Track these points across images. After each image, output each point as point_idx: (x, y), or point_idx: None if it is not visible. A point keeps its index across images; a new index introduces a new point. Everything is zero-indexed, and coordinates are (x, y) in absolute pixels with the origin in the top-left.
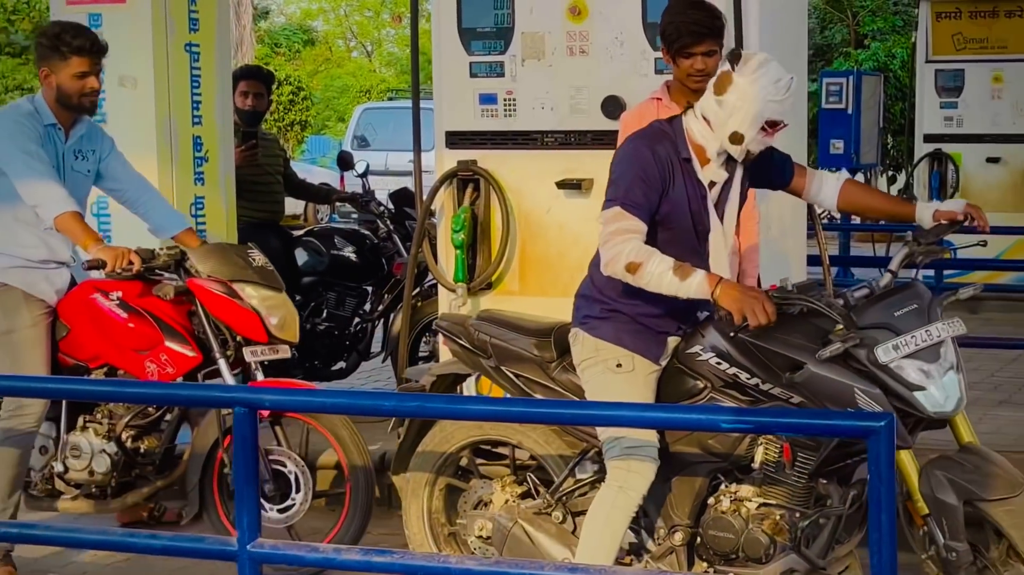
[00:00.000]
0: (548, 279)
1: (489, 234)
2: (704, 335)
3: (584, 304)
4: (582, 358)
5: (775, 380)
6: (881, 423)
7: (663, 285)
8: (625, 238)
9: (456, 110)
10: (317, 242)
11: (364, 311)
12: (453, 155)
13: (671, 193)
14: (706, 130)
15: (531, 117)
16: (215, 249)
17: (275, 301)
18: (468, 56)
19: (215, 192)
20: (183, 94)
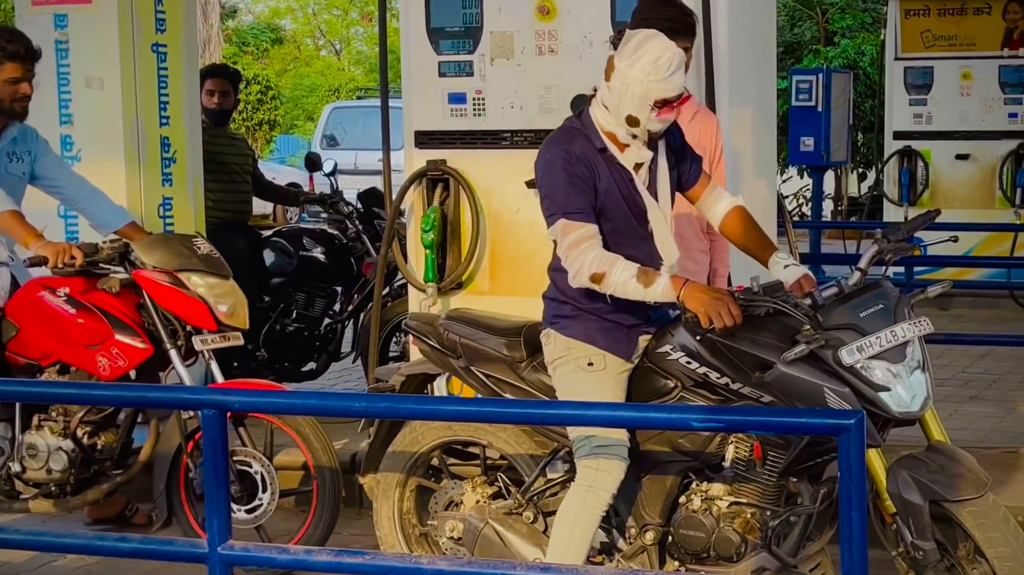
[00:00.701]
0: (518, 278)
1: (459, 234)
2: (673, 334)
3: (553, 305)
4: (553, 357)
5: (745, 379)
6: (851, 421)
7: (628, 292)
8: (583, 248)
9: (425, 109)
10: (285, 243)
11: (334, 312)
12: (422, 154)
13: (600, 186)
14: (608, 116)
15: (500, 116)
16: (159, 240)
17: (222, 288)
18: (437, 55)
19: (183, 193)
20: (150, 95)
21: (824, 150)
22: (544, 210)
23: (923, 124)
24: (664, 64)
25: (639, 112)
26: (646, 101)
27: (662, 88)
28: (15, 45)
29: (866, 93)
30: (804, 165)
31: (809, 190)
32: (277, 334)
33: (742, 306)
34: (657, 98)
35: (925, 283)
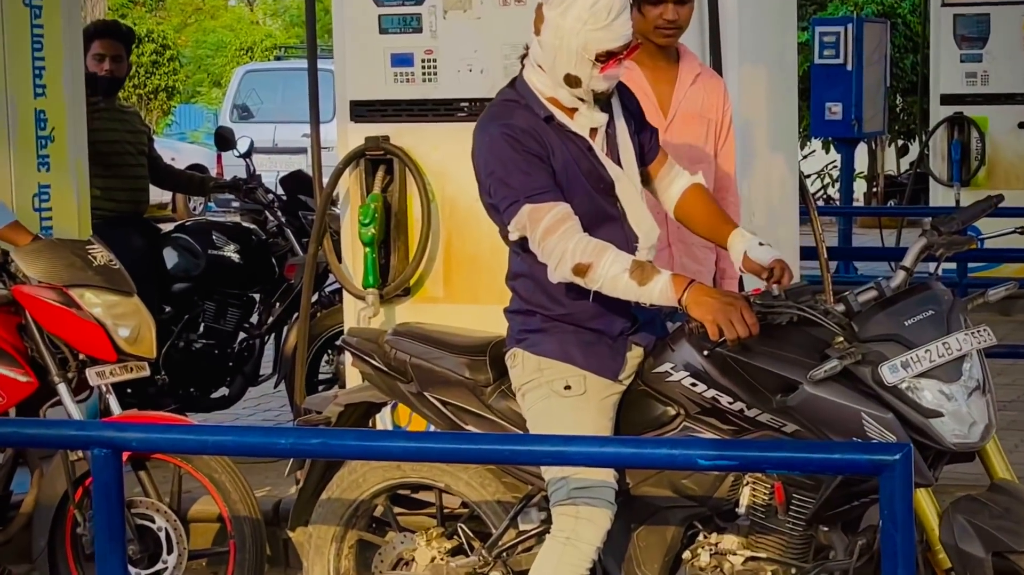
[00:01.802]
0: (479, 282)
1: (405, 227)
2: (675, 349)
3: (518, 319)
4: (523, 381)
5: (763, 404)
6: (895, 456)
7: (619, 289)
8: (562, 233)
9: (363, 74)
10: (191, 239)
11: (250, 324)
12: (360, 130)
13: (554, 162)
14: (544, 78)
15: (456, 82)
16: (45, 247)
17: (124, 308)
18: (376, 7)
19: (64, 179)
20: (22, 59)
21: (855, 119)
22: (498, 202)
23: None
24: (603, 9)
25: (578, 69)
26: (585, 55)
27: (603, 38)
28: None
29: (906, 47)
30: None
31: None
32: (181, 353)
33: (759, 313)
34: (599, 50)
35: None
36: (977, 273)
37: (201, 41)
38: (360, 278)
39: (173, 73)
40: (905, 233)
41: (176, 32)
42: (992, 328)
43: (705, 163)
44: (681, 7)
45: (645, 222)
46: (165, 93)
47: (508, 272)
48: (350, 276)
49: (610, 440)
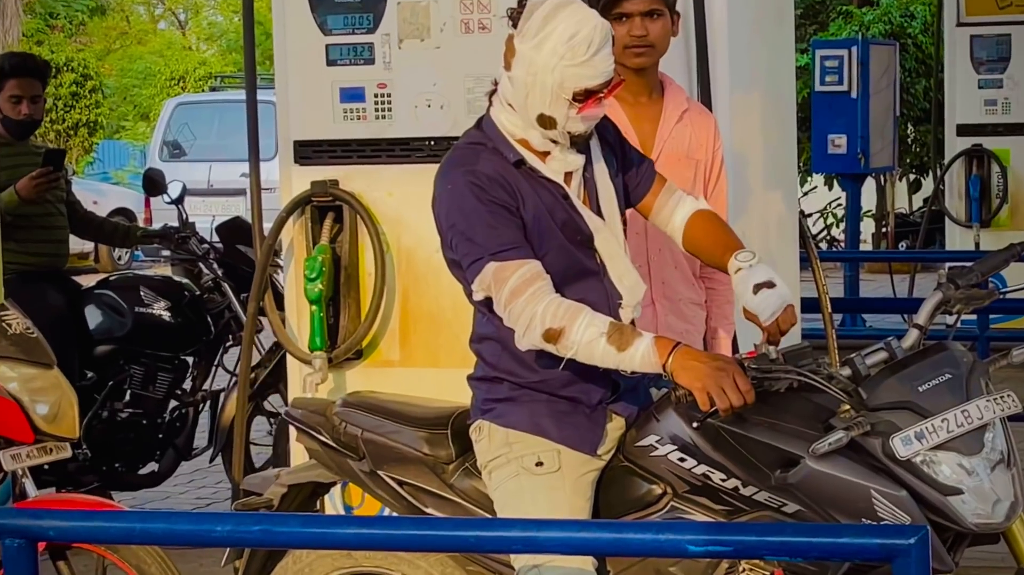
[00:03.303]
0: (439, 344)
1: (357, 283)
2: (660, 420)
3: (483, 387)
4: (489, 457)
5: (760, 481)
6: (910, 539)
7: (596, 356)
8: (530, 295)
9: (308, 111)
10: (115, 296)
11: (183, 391)
12: (305, 174)
13: (524, 213)
14: (515, 118)
15: (413, 119)
16: None
17: (42, 382)
18: (324, 36)
19: None
20: None
21: (861, 151)
22: (460, 258)
23: (998, 114)
24: (582, 42)
25: (553, 109)
26: (561, 94)
27: (581, 75)
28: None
29: (918, 72)
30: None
31: (841, 206)
32: (105, 423)
33: (754, 379)
34: (576, 89)
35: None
36: (1000, 324)
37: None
38: (306, 340)
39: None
40: (919, 279)
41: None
42: (1017, 392)
43: None
44: (651, 22)
45: (628, 277)
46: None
47: (472, 334)
48: (294, 338)
49: (588, 524)
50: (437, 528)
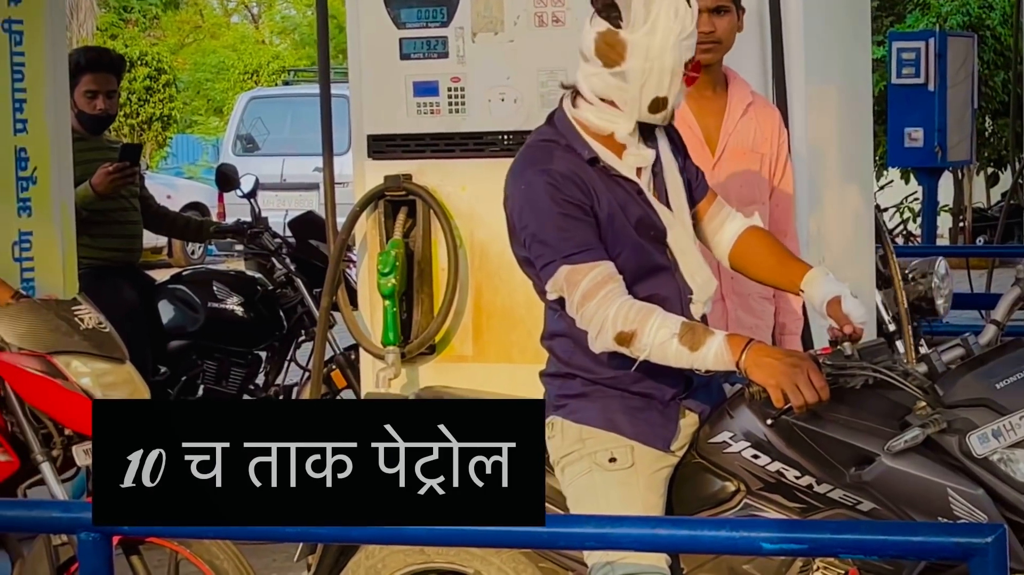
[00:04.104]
0: (512, 339)
1: (430, 277)
2: (734, 416)
3: (555, 384)
4: (562, 453)
5: (835, 479)
6: (987, 538)
7: (669, 357)
8: (601, 298)
9: (382, 105)
10: (189, 291)
11: (256, 386)
12: (378, 168)
13: (599, 211)
14: (613, 112)
15: (486, 113)
16: (27, 309)
17: (115, 377)
18: (397, 30)
19: (47, 226)
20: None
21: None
22: (534, 256)
23: None
24: (686, 13)
25: (670, 89)
26: (678, 70)
27: (691, 45)
28: None
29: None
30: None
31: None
32: None
33: (829, 375)
34: (687, 59)
35: None
36: None
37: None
38: (379, 334)
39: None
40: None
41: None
42: None
43: (758, 203)
44: (718, 18)
45: (701, 273)
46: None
47: (544, 331)
48: (368, 332)
49: (661, 520)
50: None
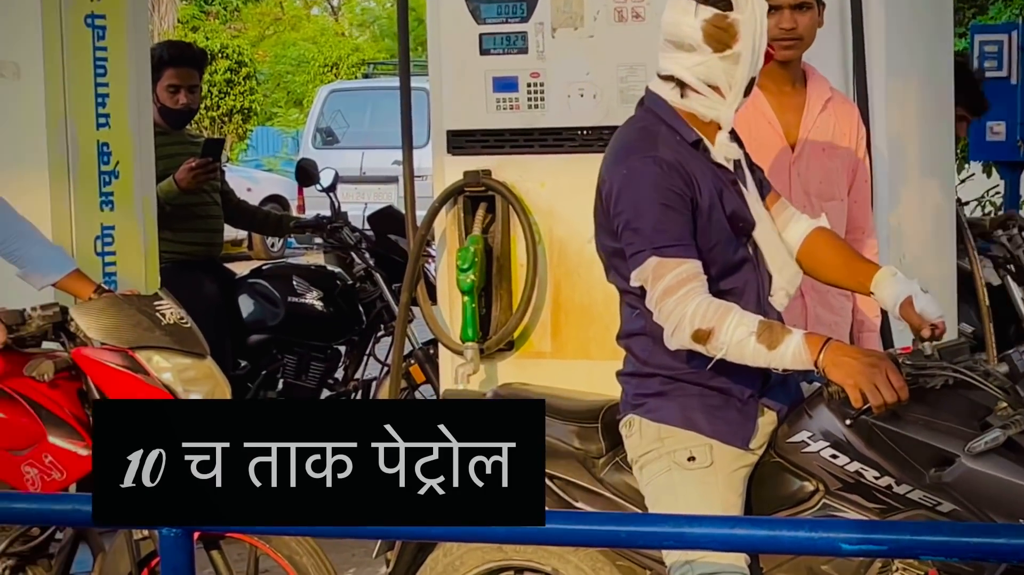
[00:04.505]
0: (591, 335)
1: (509, 274)
2: (812, 416)
3: (634, 383)
4: (640, 452)
5: (915, 480)
6: None
7: (746, 356)
8: (681, 295)
9: (461, 101)
10: (269, 286)
11: (335, 380)
12: (458, 163)
13: (700, 199)
14: (718, 99)
15: (566, 109)
16: (109, 304)
17: (196, 372)
18: (477, 25)
19: (130, 220)
20: (84, 85)
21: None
22: (627, 242)
23: None
24: None
25: (759, 67)
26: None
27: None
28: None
29: None
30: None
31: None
32: None
33: (908, 375)
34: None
35: None
36: None
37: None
38: (458, 330)
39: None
40: None
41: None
42: None
43: (837, 200)
44: (800, 14)
45: (789, 267)
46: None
47: (621, 330)
48: (447, 328)
49: (741, 520)
50: (588, 523)
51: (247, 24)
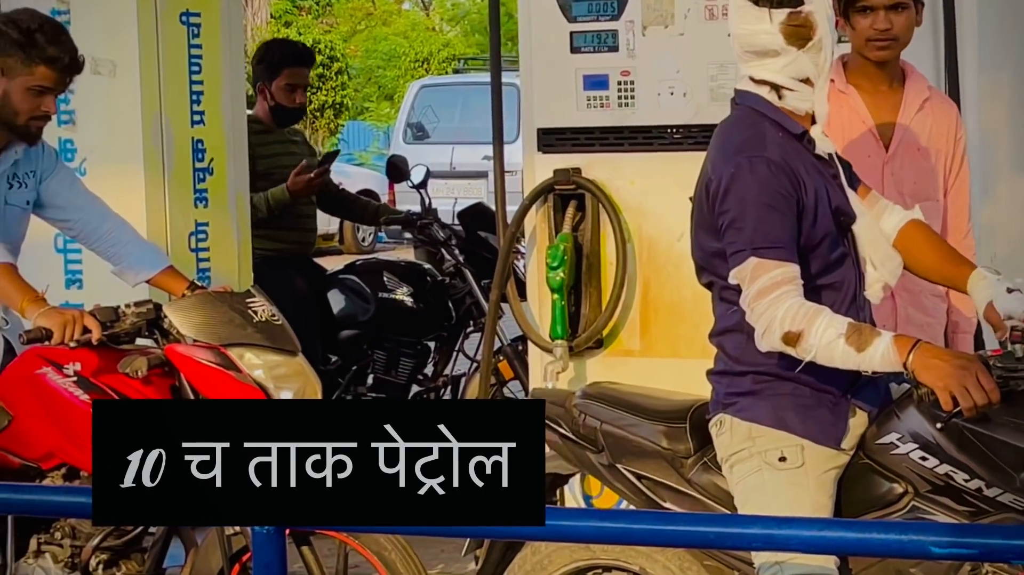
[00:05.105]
0: (680, 334)
1: (598, 272)
2: (901, 418)
3: (725, 382)
4: (730, 451)
5: (1006, 483)
6: None
7: (835, 358)
8: (774, 297)
9: (552, 99)
10: (360, 281)
11: (425, 376)
12: (548, 161)
13: (806, 198)
14: (810, 91)
15: (656, 107)
16: (201, 302)
17: (287, 369)
18: (568, 23)
19: (223, 216)
20: (179, 82)
21: None
22: (729, 240)
23: None
24: None
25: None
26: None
27: None
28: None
29: None
30: None
31: None
32: None
33: (999, 378)
34: None
35: None
36: None
37: (371, 50)
38: (547, 328)
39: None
40: None
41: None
42: None
43: (932, 200)
44: (895, 14)
45: (892, 259)
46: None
47: (714, 327)
48: (536, 326)
49: (830, 522)
50: (676, 523)
51: (339, 19)
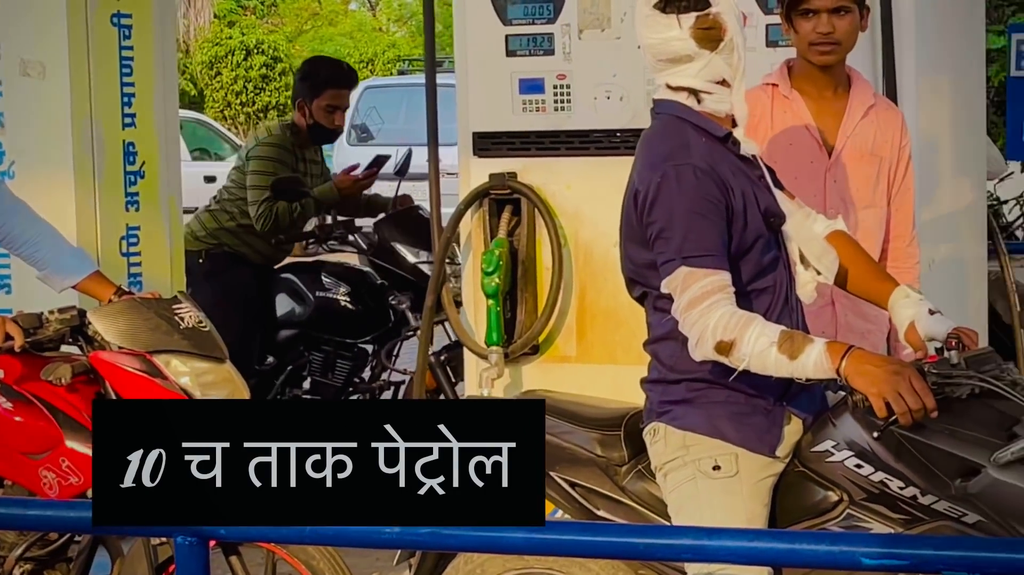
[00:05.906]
0: (616, 340)
1: (534, 277)
2: (837, 425)
3: (659, 390)
4: (665, 459)
5: (940, 490)
6: None
7: (768, 366)
8: (705, 307)
9: (487, 103)
10: (298, 280)
11: (362, 379)
12: (483, 166)
13: (734, 202)
14: (727, 91)
15: (592, 111)
16: (126, 308)
17: (214, 376)
18: (503, 26)
19: (155, 220)
20: (110, 85)
21: None
22: (658, 251)
23: None
24: None
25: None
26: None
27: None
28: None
29: None
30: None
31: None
32: None
33: (934, 385)
34: None
35: None
36: None
37: (317, 51)
38: (482, 334)
39: (285, 88)
40: None
41: (289, 42)
42: None
43: (875, 207)
44: (838, 19)
45: (828, 255)
46: (276, 111)
47: (649, 336)
48: (471, 331)
49: (760, 533)
50: (607, 535)
51: (284, 19)
